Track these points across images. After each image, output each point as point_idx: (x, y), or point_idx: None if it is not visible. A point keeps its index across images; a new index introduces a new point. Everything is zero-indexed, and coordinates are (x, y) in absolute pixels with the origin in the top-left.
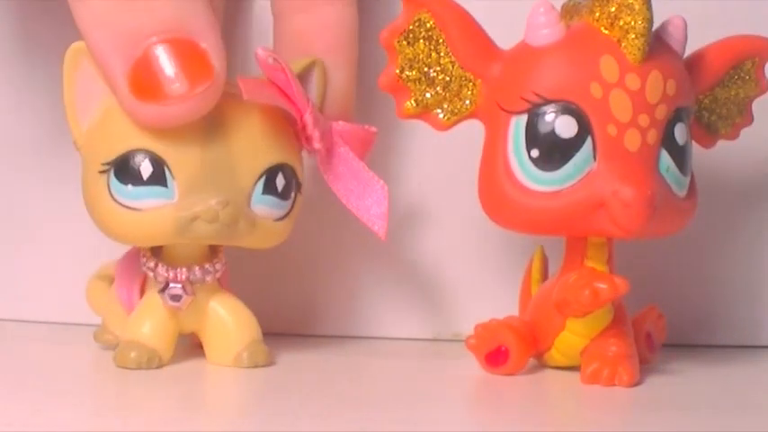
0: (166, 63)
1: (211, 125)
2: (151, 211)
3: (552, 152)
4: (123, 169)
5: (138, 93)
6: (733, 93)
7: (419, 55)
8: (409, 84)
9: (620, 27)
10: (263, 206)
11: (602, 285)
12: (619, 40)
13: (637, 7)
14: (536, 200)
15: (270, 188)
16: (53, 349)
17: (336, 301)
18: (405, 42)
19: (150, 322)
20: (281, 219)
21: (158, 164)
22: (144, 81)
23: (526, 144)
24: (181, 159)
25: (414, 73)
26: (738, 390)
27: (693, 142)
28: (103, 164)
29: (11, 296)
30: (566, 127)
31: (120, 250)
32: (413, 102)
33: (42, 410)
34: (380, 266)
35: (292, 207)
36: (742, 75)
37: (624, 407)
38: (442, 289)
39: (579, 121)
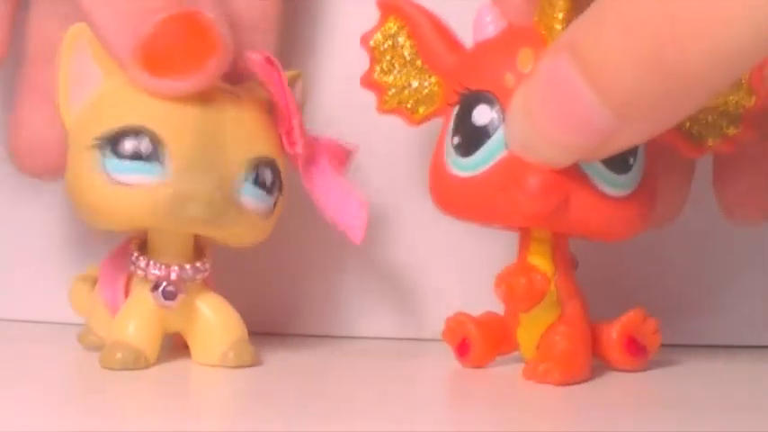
0: (175, 37)
1: (207, 113)
2: (143, 187)
3: (468, 138)
4: (118, 144)
5: (151, 68)
6: (721, 101)
7: (392, 56)
8: (385, 82)
9: (544, 21)
10: (251, 198)
11: (520, 280)
12: (543, 34)
13: (556, 1)
14: (456, 185)
15: (258, 181)
16: (53, 349)
17: (323, 301)
18: (380, 45)
19: (136, 322)
20: (265, 216)
21: (151, 141)
22: (155, 57)
23: (453, 132)
24: (177, 140)
25: (389, 72)
26: (731, 390)
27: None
28: (96, 138)
29: (11, 296)
30: (480, 114)
31: None
32: (389, 98)
33: (42, 410)
34: (367, 266)
35: (276, 205)
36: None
37: (624, 406)
38: (429, 288)
39: (494, 109)
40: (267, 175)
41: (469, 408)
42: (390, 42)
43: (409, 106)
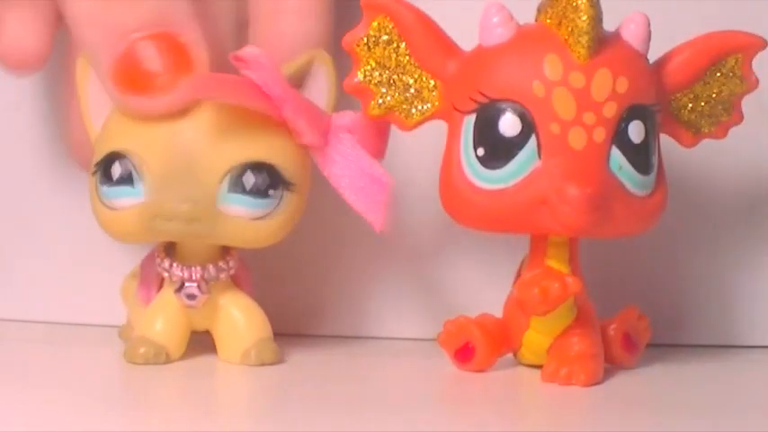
0: (149, 57)
1: (179, 126)
2: (124, 209)
3: (496, 151)
4: (103, 171)
5: (123, 86)
6: (716, 90)
7: (381, 59)
8: (372, 87)
9: (566, 25)
10: (233, 205)
11: (554, 284)
12: (566, 39)
13: (581, 5)
14: (483, 198)
15: (237, 187)
16: (53, 349)
17: (342, 302)
18: (366, 47)
19: (162, 319)
20: (261, 218)
21: (127, 165)
22: (128, 75)
23: (473, 143)
24: (147, 160)
25: (376, 76)
26: (731, 390)
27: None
28: (95, 165)
29: (11, 296)
30: (509, 126)
31: (119, 250)
32: (377, 103)
33: (43, 411)
34: (386, 268)
35: (278, 205)
36: (724, 72)
37: (626, 406)
38: (447, 290)
39: (523, 119)
40: (254, 180)
41: (495, 408)
42: (379, 44)
43: (402, 110)
